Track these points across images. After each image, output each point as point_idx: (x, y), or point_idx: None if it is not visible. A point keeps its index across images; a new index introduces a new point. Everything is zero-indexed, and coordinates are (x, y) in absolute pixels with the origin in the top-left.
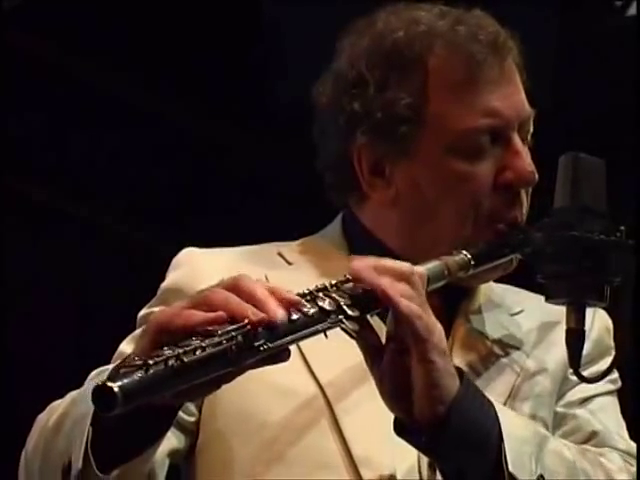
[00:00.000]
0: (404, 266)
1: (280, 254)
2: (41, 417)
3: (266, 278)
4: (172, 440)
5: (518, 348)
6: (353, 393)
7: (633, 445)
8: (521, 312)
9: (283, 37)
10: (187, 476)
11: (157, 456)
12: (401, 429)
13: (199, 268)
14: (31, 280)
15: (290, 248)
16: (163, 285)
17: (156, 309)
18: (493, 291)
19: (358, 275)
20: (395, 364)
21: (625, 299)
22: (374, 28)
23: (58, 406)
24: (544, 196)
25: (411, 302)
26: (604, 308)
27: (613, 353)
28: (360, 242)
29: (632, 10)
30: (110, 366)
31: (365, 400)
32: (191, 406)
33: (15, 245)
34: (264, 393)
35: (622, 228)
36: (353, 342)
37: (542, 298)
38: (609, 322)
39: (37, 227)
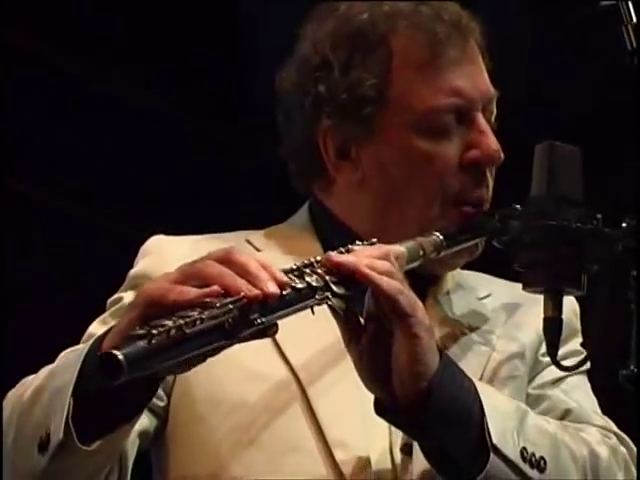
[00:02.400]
0: (379, 248)
1: (248, 241)
2: (13, 392)
3: None
4: (143, 421)
5: (488, 330)
6: (326, 375)
7: (608, 420)
8: (488, 296)
9: (257, 34)
10: (158, 461)
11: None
12: (381, 409)
13: (167, 254)
14: (31, 280)
15: (258, 235)
16: (132, 272)
17: (125, 295)
18: (461, 276)
19: (337, 264)
20: (375, 344)
21: (602, 287)
22: (337, 11)
23: (32, 380)
24: (521, 185)
25: (392, 279)
26: (581, 296)
27: (580, 335)
28: (328, 227)
29: None
30: (80, 346)
31: (338, 382)
32: (160, 390)
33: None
34: (235, 377)
35: (599, 216)
36: (323, 323)
37: (509, 283)
38: (576, 305)
39: (34, 225)
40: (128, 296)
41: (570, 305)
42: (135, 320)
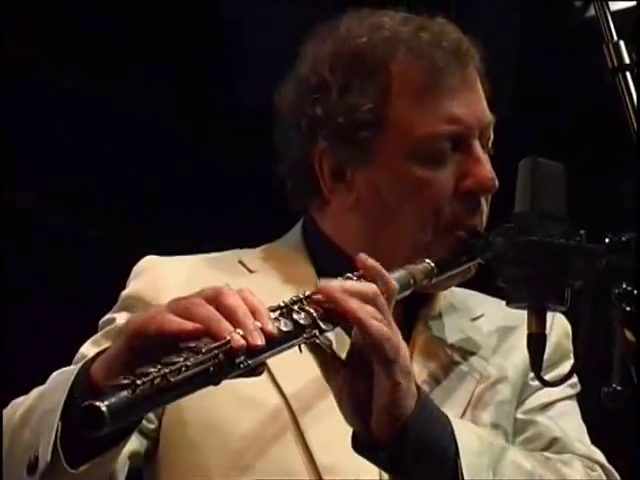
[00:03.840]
0: (369, 288)
1: (241, 262)
2: (5, 412)
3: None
4: (133, 442)
5: (478, 354)
6: (318, 404)
7: (594, 450)
8: (481, 316)
9: (244, 38)
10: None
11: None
12: (359, 445)
13: (160, 276)
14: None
15: (251, 256)
16: (125, 293)
17: (117, 315)
18: (454, 295)
19: (329, 297)
20: (355, 381)
21: (586, 303)
22: (337, 33)
23: (23, 401)
24: (506, 201)
25: (380, 324)
26: (564, 312)
27: (572, 357)
28: (320, 249)
29: (592, 11)
30: (71, 367)
31: (330, 411)
32: (151, 415)
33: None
34: (228, 404)
35: (582, 232)
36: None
37: (503, 302)
38: (568, 326)
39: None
40: (121, 317)
41: (562, 327)
42: (123, 349)
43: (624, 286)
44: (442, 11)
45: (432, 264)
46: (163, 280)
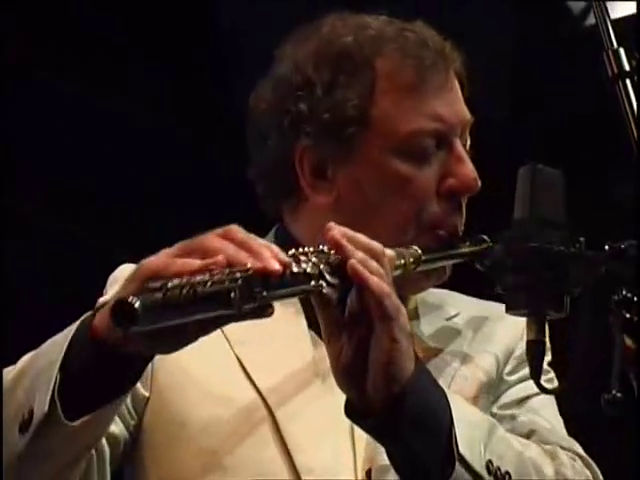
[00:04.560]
0: (377, 245)
1: None
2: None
3: None
4: (115, 426)
5: (453, 351)
6: (295, 400)
7: (574, 443)
8: (457, 315)
9: (240, 41)
10: (131, 477)
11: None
12: (352, 412)
13: None
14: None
15: None
16: (101, 300)
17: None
18: (430, 295)
19: (335, 244)
20: (354, 341)
21: (585, 309)
22: (320, 33)
23: (14, 368)
24: (504, 206)
25: (381, 280)
26: (563, 319)
27: (549, 354)
28: None
29: (591, 19)
30: (65, 330)
31: (307, 407)
32: (131, 408)
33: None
34: (204, 402)
35: (581, 239)
36: (292, 349)
37: (479, 301)
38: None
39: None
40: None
41: None
42: (134, 292)
43: (623, 293)
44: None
45: (419, 251)
46: None
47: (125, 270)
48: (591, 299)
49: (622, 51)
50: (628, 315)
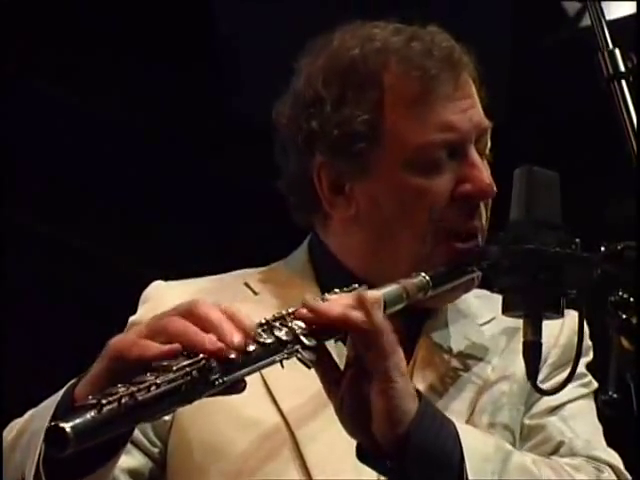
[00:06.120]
0: (351, 295)
1: (246, 284)
2: (4, 433)
3: None
4: (130, 459)
5: (482, 359)
6: (315, 420)
7: (607, 451)
8: (492, 320)
9: (237, 53)
10: None
11: (116, 472)
12: (363, 455)
13: (166, 303)
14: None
15: (256, 277)
16: (132, 318)
17: None
18: (464, 302)
19: (312, 310)
20: (354, 390)
21: (581, 311)
22: (330, 47)
23: (18, 423)
24: (501, 208)
25: (367, 321)
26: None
27: (591, 354)
28: (325, 267)
29: (586, 20)
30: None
31: (327, 427)
32: (153, 436)
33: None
34: (229, 425)
35: (577, 240)
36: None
37: None
38: (575, 323)
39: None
40: None
41: (572, 325)
42: (102, 373)
43: (620, 294)
44: (437, 17)
45: (427, 277)
46: (168, 306)
47: (157, 288)
48: (587, 300)
49: (617, 52)
50: (624, 316)
